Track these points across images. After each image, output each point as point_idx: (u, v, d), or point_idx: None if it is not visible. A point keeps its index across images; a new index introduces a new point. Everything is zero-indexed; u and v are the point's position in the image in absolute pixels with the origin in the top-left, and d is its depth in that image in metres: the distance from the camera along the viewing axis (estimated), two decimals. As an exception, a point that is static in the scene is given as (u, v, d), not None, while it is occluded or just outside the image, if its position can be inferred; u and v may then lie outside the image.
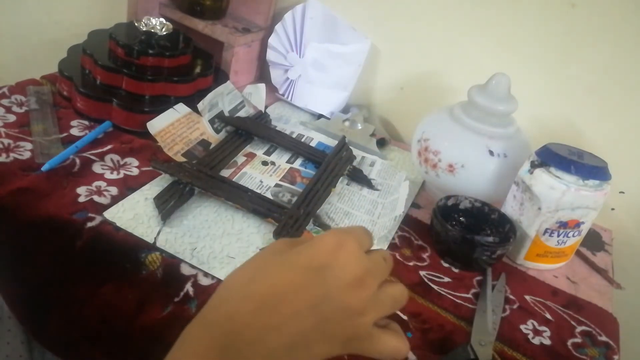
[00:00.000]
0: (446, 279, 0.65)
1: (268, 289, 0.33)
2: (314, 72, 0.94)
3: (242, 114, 0.85)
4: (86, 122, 0.76)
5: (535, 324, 0.61)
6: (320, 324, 0.33)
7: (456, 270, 0.67)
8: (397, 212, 0.69)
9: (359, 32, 0.95)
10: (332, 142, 0.87)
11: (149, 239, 0.59)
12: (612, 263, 0.77)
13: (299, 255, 0.35)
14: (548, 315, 0.63)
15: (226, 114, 0.82)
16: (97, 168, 0.68)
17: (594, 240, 0.81)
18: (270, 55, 0.96)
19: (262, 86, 0.89)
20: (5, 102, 0.76)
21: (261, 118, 0.87)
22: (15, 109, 0.75)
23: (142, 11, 0.94)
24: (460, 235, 0.65)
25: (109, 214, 0.60)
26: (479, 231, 0.71)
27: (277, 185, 0.73)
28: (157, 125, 0.73)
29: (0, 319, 0.67)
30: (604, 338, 0.61)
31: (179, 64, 0.81)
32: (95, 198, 0.63)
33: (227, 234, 0.62)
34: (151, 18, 0.80)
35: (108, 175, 0.67)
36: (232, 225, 0.64)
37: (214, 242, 0.61)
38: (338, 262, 0.34)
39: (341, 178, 0.77)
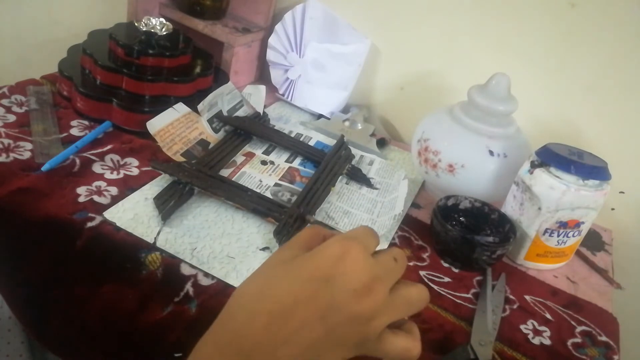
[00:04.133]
0: (446, 279, 0.65)
1: (275, 303, 0.33)
2: (314, 72, 0.94)
3: (240, 113, 0.85)
4: (86, 122, 0.76)
5: (535, 324, 0.61)
6: (330, 333, 0.33)
7: (456, 270, 0.67)
8: (396, 211, 0.69)
9: (359, 32, 0.95)
10: (331, 142, 0.87)
11: (149, 239, 0.59)
12: (612, 263, 0.77)
13: (303, 266, 0.34)
14: (548, 315, 0.63)
15: (225, 113, 0.82)
16: (97, 168, 0.68)
17: (594, 240, 0.81)
18: (270, 55, 0.96)
19: (262, 87, 0.89)
20: (5, 102, 0.76)
21: (260, 118, 0.87)
22: (15, 109, 0.75)
23: (142, 11, 0.94)
24: (460, 235, 0.65)
25: (109, 214, 0.60)
26: (479, 231, 0.71)
27: (276, 184, 0.73)
28: (156, 124, 0.73)
29: None
30: (604, 338, 0.61)
31: (179, 64, 0.81)
32: (95, 198, 0.63)
33: (227, 234, 0.62)
34: (151, 18, 0.80)
35: (108, 175, 0.67)
36: (232, 225, 0.64)
37: (214, 242, 0.61)
38: (344, 271, 0.33)
39: (340, 177, 0.77)
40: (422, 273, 0.65)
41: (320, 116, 0.96)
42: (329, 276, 0.33)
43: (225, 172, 0.72)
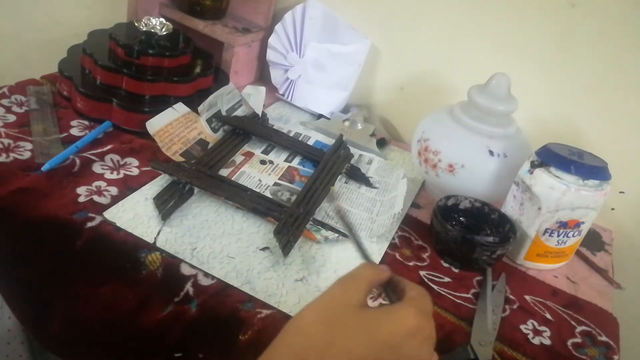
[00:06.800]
0: (446, 279, 0.65)
1: (346, 356, 0.36)
2: (314, 72, 0.94)
3: (239, 112, 0.85)
4: (86, 122, 0.76)
5: (535, 324, 0.61)
6: None
7: (456, 270, 0.67)
8: (396, 210, 0.69)
9: (359, 32, 0.95)
10: (330, 141, 0.87)
11: (149, 239, 0.59)
12: (612, 263, 0.77)
13: (380, 327, 0.38)
14: (548, 315, 0.63)
15: (223, 113, 0.82)
16: (97, 168, 0.68)
17: (594, 240, 0.81)
18: (270, 55, 0.96)
19: (262, 89, 0.89)
20: (5, 102, 0.76)
21: (258, 118, 0.87)
22: (15, 109, 0.75)
23: (142, 11, 0.94)
24: (460, 235, 0.65)
25: (109, 214, 0.60)
26: (479, 231, 0.71)
27: (275, 184, 0.73)
28: (156, 124, 0.73)
29: None
30: (604, 338, 0.61)
31: (179, 64, 0.81)
32: (95, 198, 0.63)
33: (227, 234, 0.62)
34: (151, 18, 0.80)
35: (108, 175, 0.67)
36: (232, 225, 0.64)
37: (214, 242, 0.61)
38: (413, 345, 0.38)
39: (339, 176, 0.77)
40: (422, 273, 0.65)
41: (320, 116, 0.96)
42: (399, 345, 0.37)
43: (224, 172, 0.72)
